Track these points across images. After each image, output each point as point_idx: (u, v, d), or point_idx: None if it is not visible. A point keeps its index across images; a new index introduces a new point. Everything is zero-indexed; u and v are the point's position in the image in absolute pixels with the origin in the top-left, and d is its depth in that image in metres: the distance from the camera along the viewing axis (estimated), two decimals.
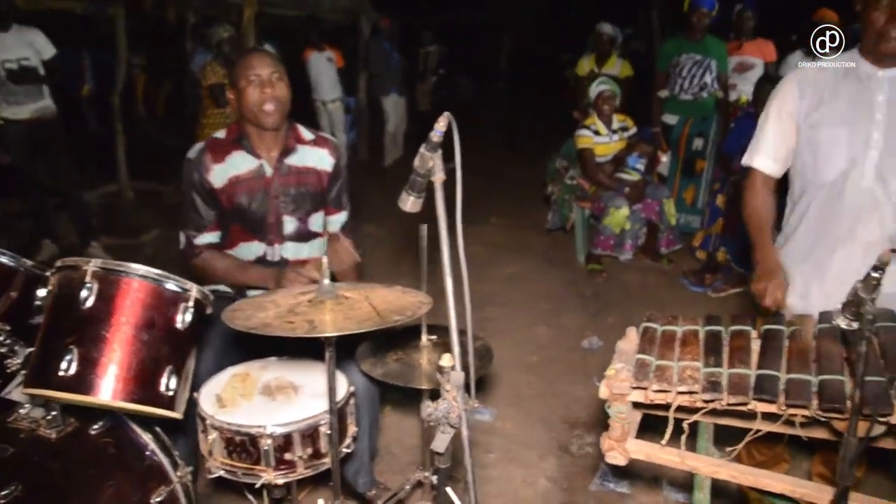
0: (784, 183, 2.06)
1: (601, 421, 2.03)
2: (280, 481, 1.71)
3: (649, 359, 1.51)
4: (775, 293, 1.86)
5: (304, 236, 2.24)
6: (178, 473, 1.72)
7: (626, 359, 1.57)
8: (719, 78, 4.95)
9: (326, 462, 1.73)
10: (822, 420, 1.37)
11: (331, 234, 2.34)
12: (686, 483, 2.28)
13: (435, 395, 1.33)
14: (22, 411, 1.69)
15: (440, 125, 1.32)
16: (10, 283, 1.77)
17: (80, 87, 9.20)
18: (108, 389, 1.48)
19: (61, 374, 1.45)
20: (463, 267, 1.32)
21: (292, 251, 2.23)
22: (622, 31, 6.31)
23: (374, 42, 7.88)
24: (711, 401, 1.40)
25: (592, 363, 3.40)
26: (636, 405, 1.56)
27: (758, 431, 1.45)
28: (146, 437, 1.70)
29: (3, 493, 1.48)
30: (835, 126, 1.83)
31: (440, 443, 1.29)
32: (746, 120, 4.11)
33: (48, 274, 1.64)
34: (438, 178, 1.34)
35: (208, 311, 1.71)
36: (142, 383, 1.52)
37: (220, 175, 2.11)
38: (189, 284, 1.63)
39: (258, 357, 2.01)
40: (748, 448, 1.76)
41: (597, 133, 4.61)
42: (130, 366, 1.50)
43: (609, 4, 8.00)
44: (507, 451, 2.70)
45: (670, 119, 5.15)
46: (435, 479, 1.64)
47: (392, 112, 7.88)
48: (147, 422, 1.72)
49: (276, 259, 2.21)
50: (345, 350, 1.93)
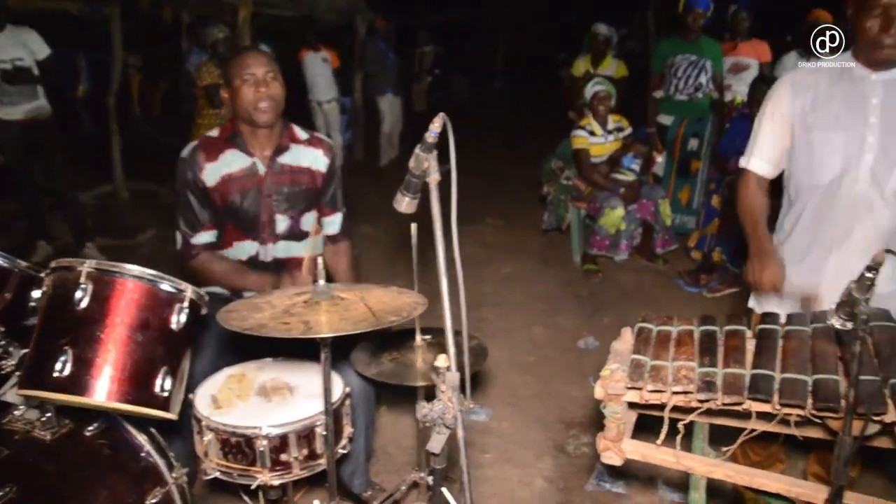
0: (778, 185, 2.06)
1: (597, 421, 2.03)
2: (276, 482, 1.70)
3: (644, 359, 1.51)
4: (773, 277, 1.86)
5: (296, 235, 2.24)
6: (174, 475, 1.71)
7: (622, 359, 1.57)
8: (714, 78, 4.94)
9: (322, 463, 1.73)
10: (816, 419, 1.37)
11: (330, 236, 2.34)
12: (682, 483, 2.28)
13: (430, 393, 1.33)
14: (16, 413, 1.68)
15: (435, 126, 1.32)
16: (5, 284, 1.76)
17: (75, 87, 9.17)
18: (102, 390, 1.47)
19: (56, 375, 1.45)
20: (458, 267, 1.32)
21: (284, 250, 2.23)
22: (617, 31, 6.31)
23: (369, 42, 7.88)
24: (706, 401, 1.41)
25: (588, 363, 3.40)
26: (631, 405, 1.56)
27: (753, 431, 1.45)
28: (141, 439, 1.69)
29: None
30: (829, 129, 1.83)
31: (436, 443, 1.29)
32: (741, 121, 4.12)
33: (43, 275, 1.63)
34: (433, 178, 1.34)
35: (203, 311, 1.71)
36: (137, 384, 1.51)
37: (212, 173, 2.11)
38: (184, 285, 1.62)
39: (254, 358, 2.01)
40: (743, 448, 1.77)
41: (592, 133, 4.61)
42: (125, 367, 1.50)
43: (605, 5, 8.02)
44: (503, 452, 2.70)
45: (665, 119, 5.14)
46: (431, 479, 1.64)
47: (388, 112, 7.87)
48: (142, 423, 1.71)
49: (268, 259, 2.22)
50: (340, 351, 1.93)
